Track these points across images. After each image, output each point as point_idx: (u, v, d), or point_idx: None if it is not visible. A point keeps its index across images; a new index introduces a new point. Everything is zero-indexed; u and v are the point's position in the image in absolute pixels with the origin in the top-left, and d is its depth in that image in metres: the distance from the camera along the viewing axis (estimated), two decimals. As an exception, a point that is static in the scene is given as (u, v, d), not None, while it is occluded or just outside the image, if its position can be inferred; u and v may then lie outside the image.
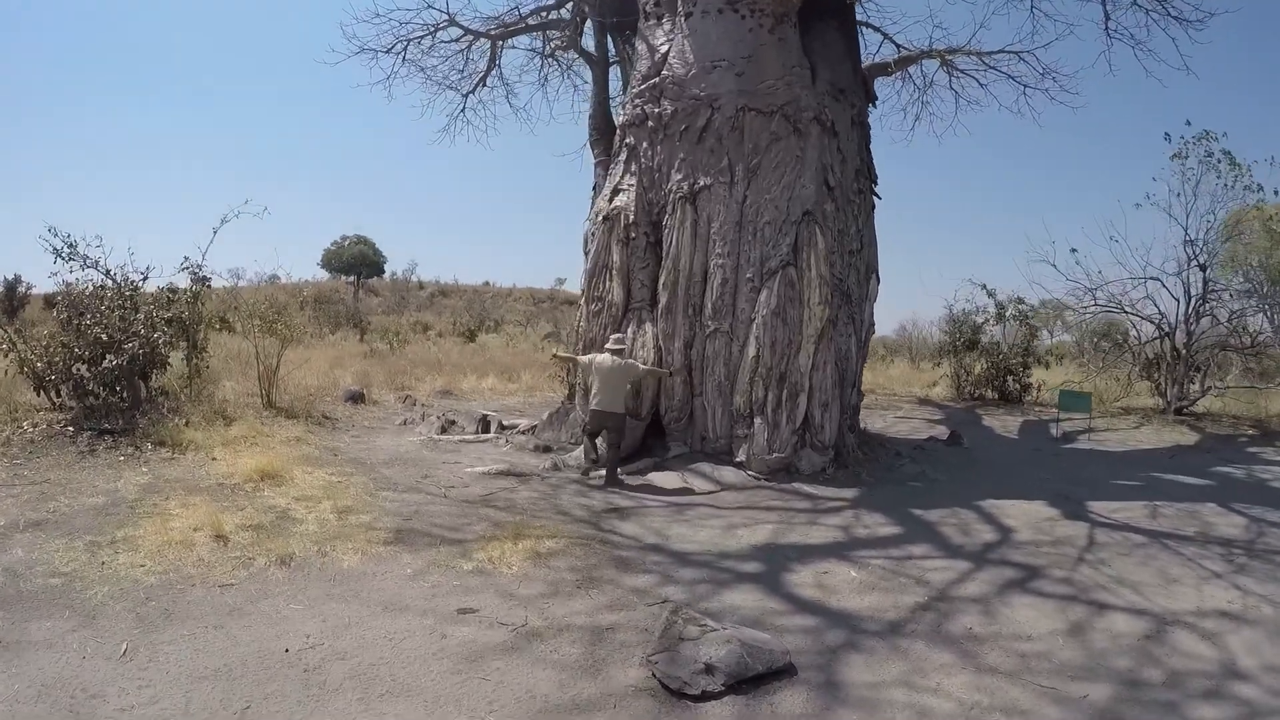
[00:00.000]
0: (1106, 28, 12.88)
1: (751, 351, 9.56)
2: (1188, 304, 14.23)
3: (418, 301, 41.66)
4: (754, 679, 4.10)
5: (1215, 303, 14.09)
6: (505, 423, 12.38)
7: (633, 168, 10.36)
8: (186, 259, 11.30)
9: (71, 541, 5.80)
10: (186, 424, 9.64)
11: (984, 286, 16.52)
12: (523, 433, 11.72)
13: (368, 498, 7.62)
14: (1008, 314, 16.07)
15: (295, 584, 5.27)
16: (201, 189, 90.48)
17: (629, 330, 10.00)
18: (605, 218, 10.23)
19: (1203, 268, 13.73)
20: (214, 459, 8.61)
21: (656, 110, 10.23)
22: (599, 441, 9.36)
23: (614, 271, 10.10)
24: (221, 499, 7.10)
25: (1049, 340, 18.09)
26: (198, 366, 11.17)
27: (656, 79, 10.31)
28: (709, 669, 4.07)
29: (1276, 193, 13.35)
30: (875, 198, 11.63)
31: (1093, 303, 15.14)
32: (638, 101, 10.41)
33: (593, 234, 10.71)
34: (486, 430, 11.98)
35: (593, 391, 9.42)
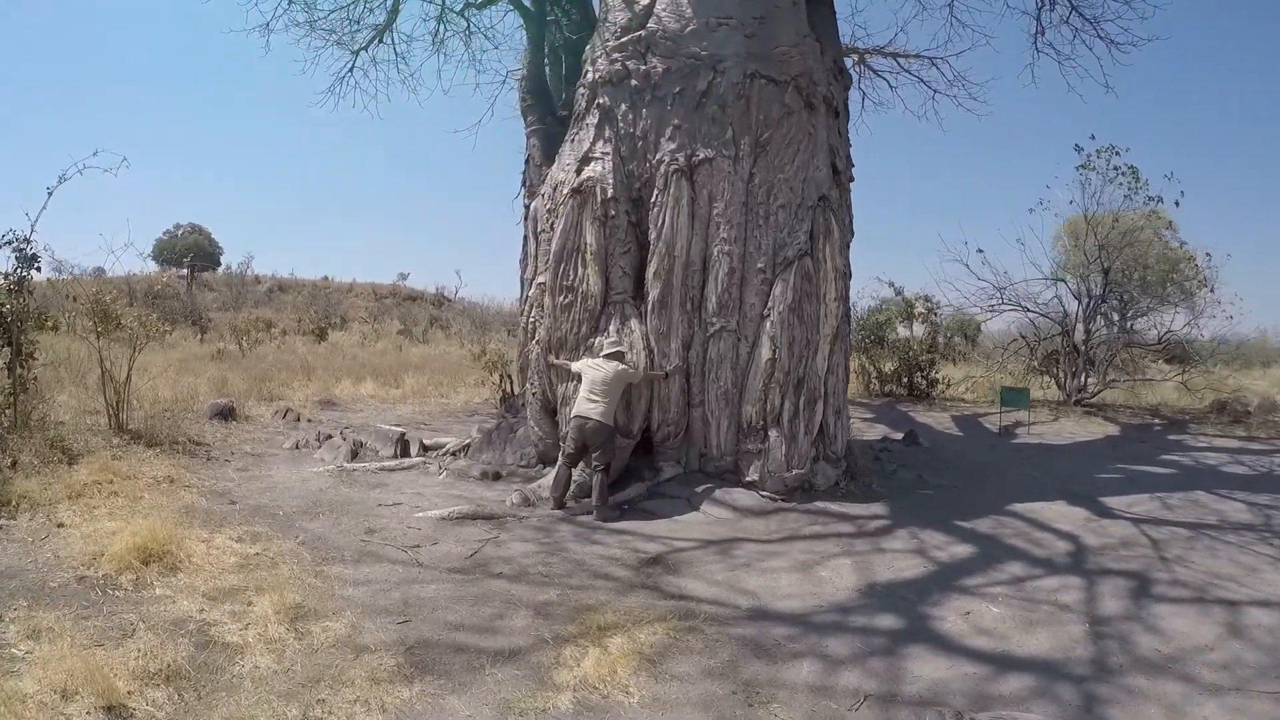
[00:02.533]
0: (1036, 43, 12.11)
1: (766, 353, 7.49)
2: (1088, 304, 14.00)
3: (255, 297, 35.84)
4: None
5: (1113, 302, 13.94)
6: (427, 442, 9.52)
7: (607, 133, 7.93)
8: (11, 231, 7.52)
9: None
10: (13, 465, 6.20)
11: (891, 284, 15.66)
12: (454, 454, 8.97)
13: (316, 582, 4.81)
14: (915, 311, 15.25)
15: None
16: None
17: (610, 328, 7.59)
18: (575, 191, 7.73)
19: (1105, 270, 13.46)
20: (61, 525, 5.41)
21: (643, 68, 7.86)
22: (565, 465, 7.10)
23: (589, 256, 7.64)
24: (91, 612, 4.09)
25: (953, 339, 17.46)
26: (23, 379, 7.42)
27: (641, 31, 7.93)
28: None
29: (1177, 204, 13.31)
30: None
31: (1000, 302, 14.62)
32: (616, 56, 7.98)
33: (551, 210, 8.16)
34: (406, 453, 9.10)
35: (576, 402, 7.04)
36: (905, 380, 15.18)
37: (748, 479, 7.52)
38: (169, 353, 16.09)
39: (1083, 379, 14.02)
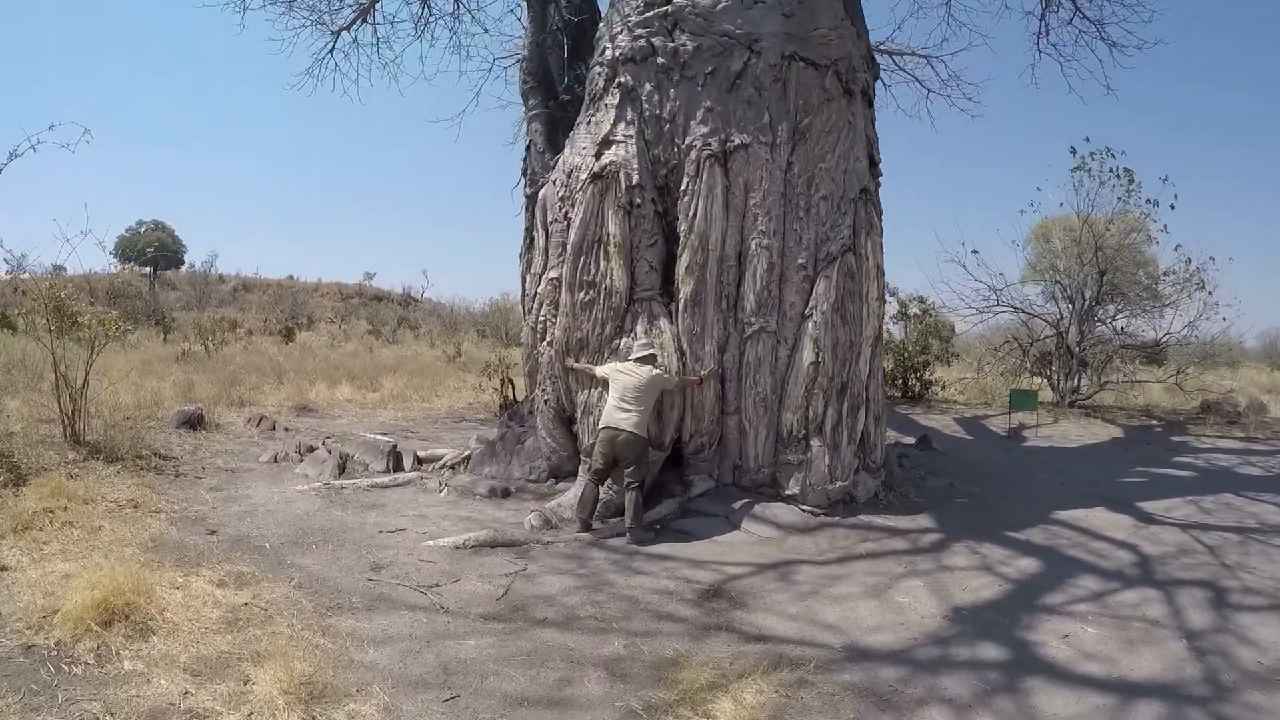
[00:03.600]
0: (1039, 43, 11.53)
1: (808, 356, 6.64)
2: (1082, 305, 13.52)
3: (219, 296, 33.85)
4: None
5: (1111, 304, 13.50)
6: (421, 454, 8.45)
7: (629, 115, 6.98)
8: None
9: None
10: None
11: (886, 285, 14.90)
12: (453, 468, 7.93)
13: (325, 642, 3.79)
14: (910, 312, 14.62)
15: None
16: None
17: (638, 328, 6.65)
18: (595, 177, 6.77)
19: (1101, 271, 12.99)
20: (3, 568, 4.26)
21: (670, 45, 6.93)
22: (592, 483, 6.18)
23: (613, 249, 6.68)
24: (41, 700, 3.05)
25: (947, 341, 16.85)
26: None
27: (668, 6, 6.99)
28: None
29: (1172, 207, 12.88)
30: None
31: (995, 303, 14.07)
32: (640, 32, 7.03)
33: (564, 198, 7.18)
34: (400, 466, 8.03)
35: (604, 411, 6.12)
36: (900, 382, 14.54)
37: (787, 492, 6.66)
38: (130, 354, 14.59)
39: (1076, 380, 13.56)
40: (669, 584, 5.02)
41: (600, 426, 6.10)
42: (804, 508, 6.54)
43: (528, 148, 8.98)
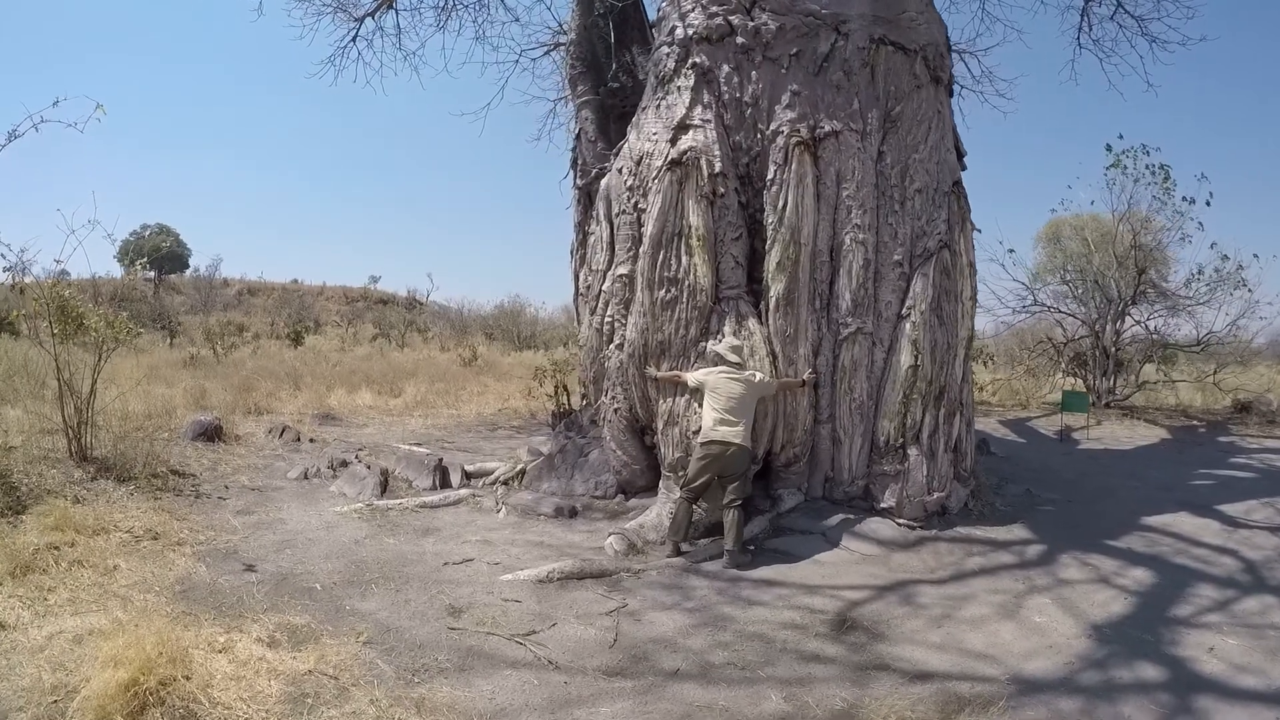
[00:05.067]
0: (1079, 39, 10.76)
1: (906, 360, 5.74)
2: (1119, 304, 12.78)
3: (224, 300, 32.39)
4: None
5: (1146, 304, 12.79)
6: (469, 468, 7.42)
7: (705, 98, 6.05)
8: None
9: None
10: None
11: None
12: (506, 483, 6.91)
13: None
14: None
15: None
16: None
17: (725, 329, 5.71)
18: (674, 164, 5.82)
19: (1140, 270, 12.27)
20: (1, 627, 3.22)
21: (751, 24, 6.01)
22: (686, 501, 5.23)
23: (695, 242, 5.74)
24: None
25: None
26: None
27: (746, -21, 6.06)
28: None
29: (1208, 203, 12.18)
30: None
31: (1033, 302, 13.30)
32: (716, 10, 6.10)
33: (633, 188, 6.22)
34: (447, 483, 7.03)
35: (706, 423, 5.18)
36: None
37: (882, 505, 5.75)
38: (138, 358, 13.38)
39: (1112, 381, 12.81)
40: (792, 615, 4.18)
41: (703, 440, 5.16)
42: (900, 521, 5.64)
43: (577, 137, 8.01)
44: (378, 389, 13.06)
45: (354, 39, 9.70)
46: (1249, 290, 12.10)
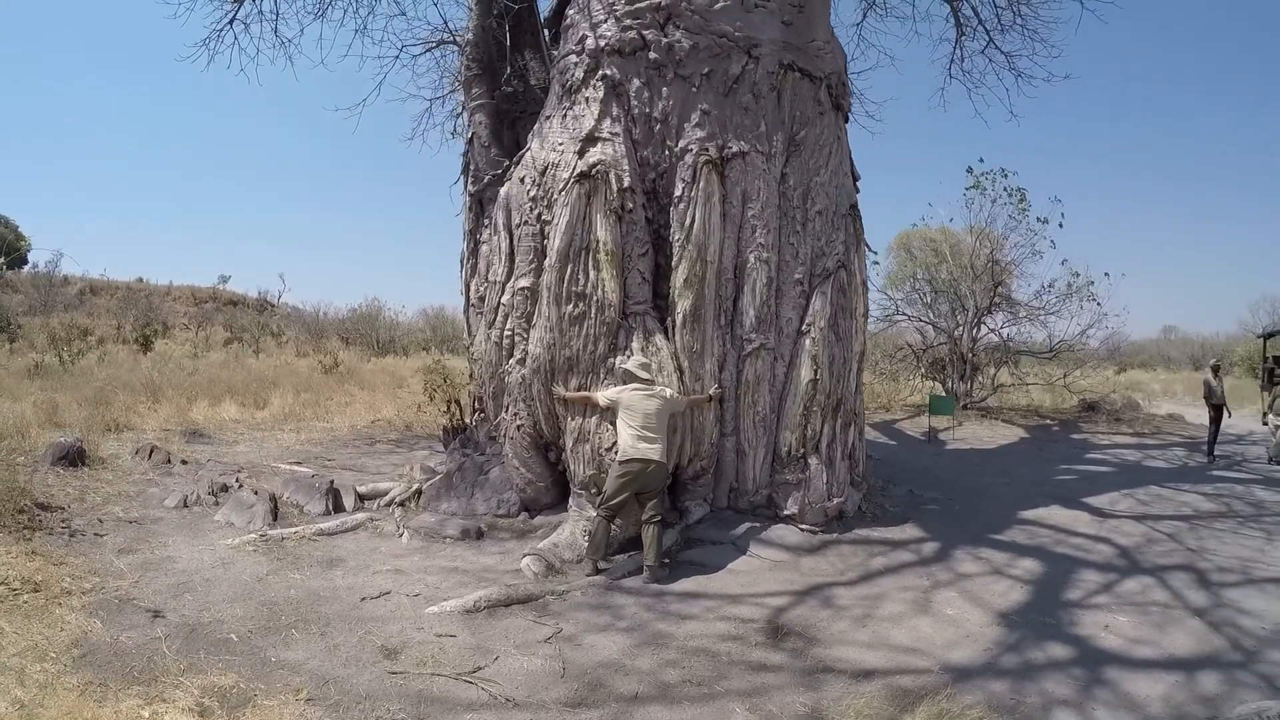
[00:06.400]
0: (950, 69, 11.70)
1: (806, 374, 6.01)
2: (975, 313, 14.00)
3: (65, 300, 28.62)
4: None
5: (999, 314, 14.08)
6: (361, 489, 7.04)
7: (615, 111, 6.05)
8: None
9: None
10: None
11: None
12: (403, 504, 6.61)
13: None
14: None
15: None
16: None
17: (633, 345, 5.75)
18: (583, 176, 5.80)
19: (996, 283, 13.51)
20: None
21: (664, 40, 6.05)
22: (605, 519, 5.22)
23: (603, 257, 5.73)
24: None
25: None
26: None
27: (660, -1, 6.11)
28: None
29: (1060, 224, 13.58)
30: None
31: (895, 311, 14.31)
32: (630, 23, 6.10)
33: (537, 199, 6.13)
34: (340, 506, 6.65)
35: (624, 442, 5.17)
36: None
37: (785, 513, 6.00)
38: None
39: (969, 384, 14.05)
40: (726, 626, 4.29)
41: (622, 459, 5.11)
42: (803, 527, 5.91)
43: (469, 141, 7.72)
44: (241, 400, 12.08)
45: (231, 21, 8.92)
46: (1098, 304, 13.64)
